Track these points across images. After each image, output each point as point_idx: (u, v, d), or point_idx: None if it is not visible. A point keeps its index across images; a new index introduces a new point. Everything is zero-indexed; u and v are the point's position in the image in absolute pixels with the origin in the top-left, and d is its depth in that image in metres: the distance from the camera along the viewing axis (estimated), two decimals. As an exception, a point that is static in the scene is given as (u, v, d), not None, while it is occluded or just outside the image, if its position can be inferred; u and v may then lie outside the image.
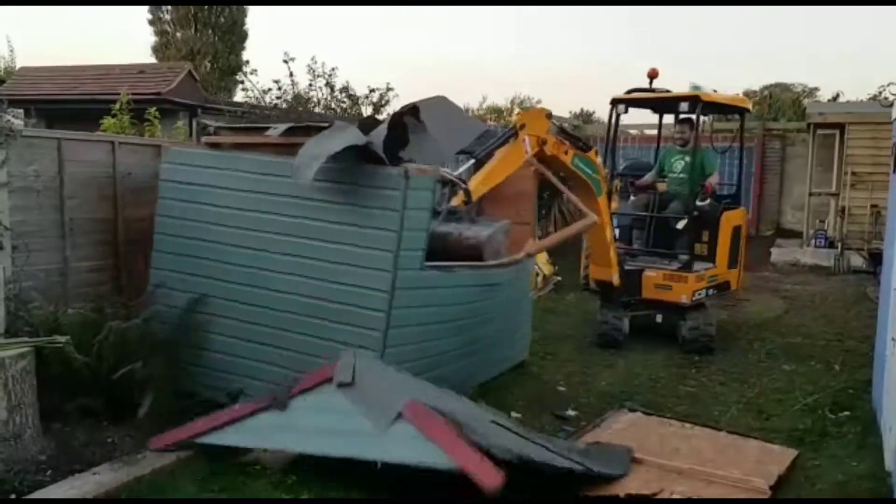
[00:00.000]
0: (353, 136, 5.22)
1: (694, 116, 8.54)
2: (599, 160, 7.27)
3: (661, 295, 8.01)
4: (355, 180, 5.24)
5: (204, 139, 6.14)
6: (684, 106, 8.16)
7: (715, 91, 8.48)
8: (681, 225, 8.17)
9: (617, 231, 8.43)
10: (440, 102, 6.35)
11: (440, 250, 5.52)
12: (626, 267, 8.03)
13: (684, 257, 8.22)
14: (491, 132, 6.12)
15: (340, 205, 5.26)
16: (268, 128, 5.79)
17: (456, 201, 5.54)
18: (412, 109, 5.74)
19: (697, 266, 8.14)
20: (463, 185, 5.41)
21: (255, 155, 5.74)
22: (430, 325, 5.60)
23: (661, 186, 8.79)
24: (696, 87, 8.34)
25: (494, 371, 6.71)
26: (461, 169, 5.59)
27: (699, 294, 7.99)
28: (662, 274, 8.03)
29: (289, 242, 5.47)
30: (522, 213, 7.62)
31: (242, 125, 6.74)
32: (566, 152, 6.69)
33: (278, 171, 5.47)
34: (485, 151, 5.75)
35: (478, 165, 6.05)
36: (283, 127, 5.62)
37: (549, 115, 6.47)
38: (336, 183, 5.25)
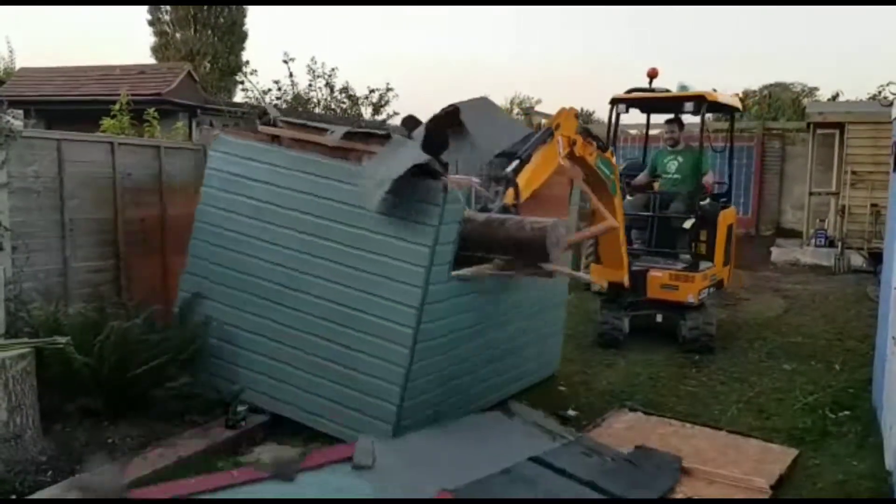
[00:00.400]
0: (415, 155, 5.03)
1: (682, 116, 8.60)
2: (615, 160, 7.26)
3: (666, 295, 7.98)
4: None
5: (262, 128, 6.02)
6: (689, 106, 8.14)
7: (715, 90, 8.48)
8: (688, 224, 8.17)
9: None
10: (481, 103, 6.17)
11: (492, 235, 5.20)
12: (631, 268, 8.02)
13: (686, 256, 8.23)
14: (533, 134, 6.11)
15: (381, 214, 5.11)
16: (325, 129, 5.68)
17: (508, 199, 5.36)
18: (453, 111, 5.62)
19: (701, 265, 8.15)
20: (486, 192, 5.32)
21: (306, 153, 5.63)
22: (453, 333, 5.46)
23: (655, 186, 8.80)
24: (683, 87, 8.33)
25: (522, 384, 6.56)
26: (508, 169, 5.56)
27: (704, 293, 8.01)
28: (668, 274, 8.00)
29: (324, 246, 5.38)
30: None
31: (301, 121, 6.60)
32: (591, 153, 6.69)
33: (326, 173, 5.39)
34: (526, 152, 5.74)
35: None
36: (341, 131, 5.54)
37: (578, 116, 6.44)
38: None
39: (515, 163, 5.57)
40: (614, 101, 8.49)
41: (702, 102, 8.03)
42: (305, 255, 5.47)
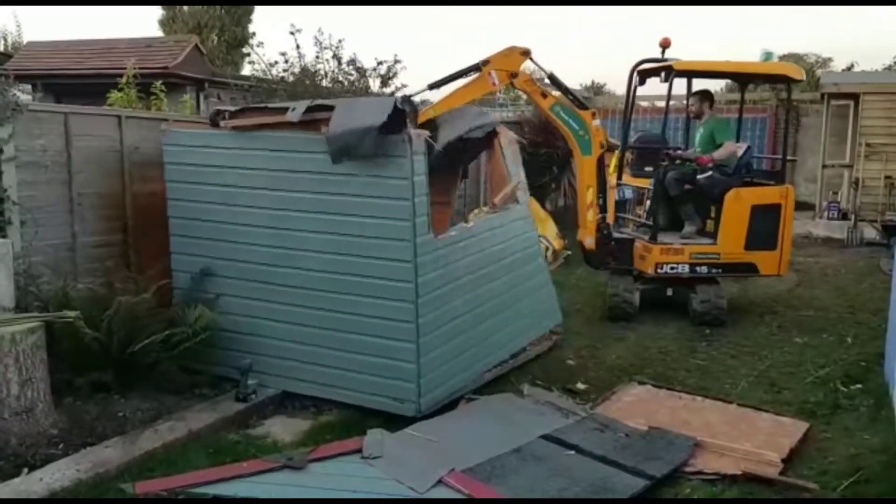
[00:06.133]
0: (386, 104, 5.11)
1: (705, 88, 8.48)
2: (596, 123, 7.19)
3: (641, 265, 8.06)
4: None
5: (223, 124, 6.00)
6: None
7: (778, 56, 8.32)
8: (673, 192, 8.16)
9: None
10: None
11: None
12: (617, 235, 8.06)
13: (690, 230, 8.17)
14: (490, 118, 6.44)
15: (351, 176, 5.16)
16: (286, 108, 5.68)
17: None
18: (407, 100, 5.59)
19: (671, 238, 8.06)
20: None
21: (264, 131, 5.62)
22: (448, 285, 5.51)
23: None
24: (768, 54, 8.16)
25: (529, 336, 6.69)
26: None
27: (670, 268, 7.85)
28: (642, 245, 8.08)
29: (306, 218, 5.40)
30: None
31: (262, 105, 6.66)
32: (544, 95, 6.60)
33: (291, 147, 5.41)
34: (444, 83, 6.02)
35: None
36: (303, 105, 5.54)
37: (526, 53, 6.45)
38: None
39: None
40: (643, 74, 8.16)
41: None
42: (288, 231, 5.48)
